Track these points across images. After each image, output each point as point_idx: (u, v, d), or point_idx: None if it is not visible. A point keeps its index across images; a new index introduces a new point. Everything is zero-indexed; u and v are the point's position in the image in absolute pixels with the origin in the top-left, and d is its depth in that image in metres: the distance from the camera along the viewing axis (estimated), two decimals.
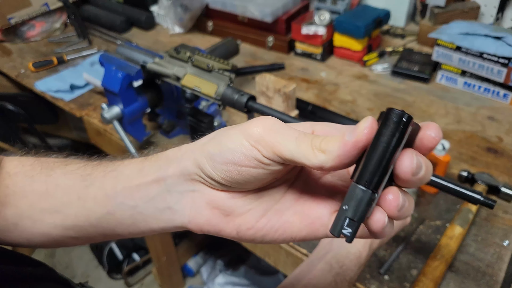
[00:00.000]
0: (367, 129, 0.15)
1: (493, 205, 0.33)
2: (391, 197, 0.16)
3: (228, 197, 0.19)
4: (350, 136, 0.15)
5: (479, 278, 0.43)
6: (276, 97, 0.49)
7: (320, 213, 0.19)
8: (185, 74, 0.48)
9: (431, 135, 0.16)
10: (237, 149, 0.17)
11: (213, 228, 0.19)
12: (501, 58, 0.67)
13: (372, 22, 0.80)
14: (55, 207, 0.22)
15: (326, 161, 0.16)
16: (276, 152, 0.16)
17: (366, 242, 0.33)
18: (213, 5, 0.93)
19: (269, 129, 0.17)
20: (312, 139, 0.16)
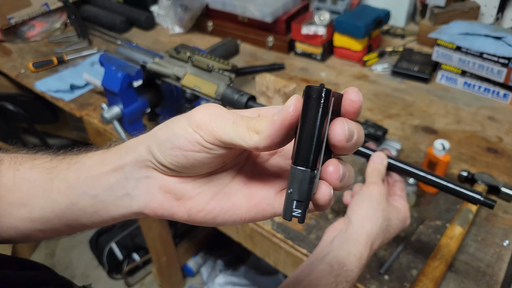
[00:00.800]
0: (292, 107, 0.16)
1: (493, 205, 0.33)
2: (331, 169, 0.17)
3: (179, 182, 0.20)
4: (278, 115, 0.16)
5: (479, 278, 0.43)
6: (276, 97, 0.49)
7: (266, 194, 0.20)
8: (185, 74, 0.48)
9: (352, 99, 0.17)
10: (182, 135, 0.18)
11: (166, 212, 0.21)
12: (501, 58, 0.67)
13: (372, 22, 0.80)
14: (22, 200, 0.23)
15: (260, 141, 0.17)
16: (216, 136, 0.18)
17: (367, 243, 0.33)
18: (213, 5, 0.93)
19: (210, 115, 0.18)
20: (248, 121, 0.17)
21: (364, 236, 0.33)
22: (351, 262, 0.31)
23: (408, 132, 0.65)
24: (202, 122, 0.18)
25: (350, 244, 0.32)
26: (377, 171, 0.37)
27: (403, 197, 0.39)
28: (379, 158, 0.38)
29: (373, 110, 0.71)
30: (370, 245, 0.33)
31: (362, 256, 0.32)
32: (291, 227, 0.50)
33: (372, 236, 0.33)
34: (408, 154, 0.60)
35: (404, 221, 0.37)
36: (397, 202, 0.38)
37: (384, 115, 0.70)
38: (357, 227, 0.33)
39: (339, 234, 0.34)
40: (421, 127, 0.66)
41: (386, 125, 0.65)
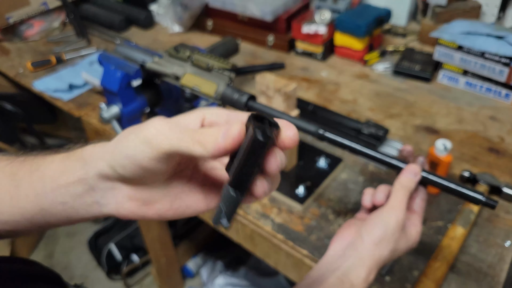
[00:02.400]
0: (234, 139, 0.19)
1: (495, 206, 0.33)
2: (260, 189, 0.21)
3: (144, 189, 0.23)
4: (222, 139, 0.19)
5: (481, 279, 0.43)
6: (277, 96, 0.49)
7: (218, 190, 0.24)
8: (184, 74, 0.48)
9: (290, 137, 0.20)
10: (136, 152, 0.20)
11: (138, 215, 0.23)
12: (503, 57, 0.66)
13: (373, 21, 0.80)
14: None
15: (204, 154, 0.19)
16: (165, 149, 0.20)
17: (377, 265, 0.34)
18: (213, 4, 0.93)
19: (158, 130, 0.20)
20: (193, 134, 0.20)
21: (373, 262, 0.34)
22: (359, 283, 0.33)
23: (409, 132, 0.65)
24: (152, 136, 0.20)
25: (360, 266, 0.33)
26: (405, 189, 0.34)
27: (419, 218, 0.36)
28: (411, 173, 0.34)
29: (374, 110, 0.70)
30: (376, 271, 0.34)
31: (369, 278, 0.33)
32: (292, 228, 0.49)
33: (379, 263, 0.34)
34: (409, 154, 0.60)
35: (412, 245, 0.36)
36: (411, 225, 0.35)
37: (385, 115, 0.69)
38: (367, 250, 0.34)
39: (349, 249, 0.35)
40: (422, 127, 0.66)
41: (387, 125, 0.65)
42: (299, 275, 0.48)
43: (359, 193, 0.53)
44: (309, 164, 0.57)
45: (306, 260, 0.46)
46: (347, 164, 0.58)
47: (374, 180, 0.55)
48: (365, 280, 0.33)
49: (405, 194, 0.34)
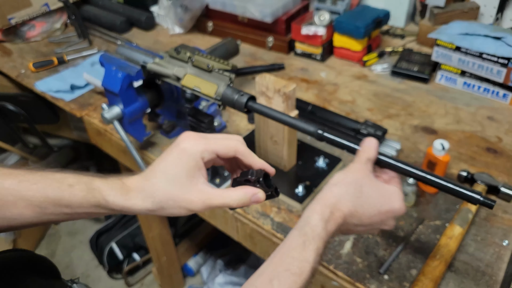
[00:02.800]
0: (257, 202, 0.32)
1: (493, 205, 0.33)
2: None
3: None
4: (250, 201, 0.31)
5: (479, 278, 0.43)
6: (276, 97, 0.49)
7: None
8: (185, 74, 0.48)
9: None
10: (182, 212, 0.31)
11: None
12: (500, 58, 0.67)
13: (371, 23, 0.81)
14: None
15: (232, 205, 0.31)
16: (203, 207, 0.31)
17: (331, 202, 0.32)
18: (213, 5, 0.93)
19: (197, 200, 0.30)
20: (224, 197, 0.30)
21: (328, 196, 0.32)
22: (313, 218, 0.31)
23: (407, 132, 0.65)
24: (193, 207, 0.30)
25: (313, 203, 0.32)
26: (366, 154, 0.34)
27: (398, 187, 0.35)
28: (371, 142, 0.35)
29: (372, 110, 0.71)
30: (334, 205, 0.31)
31: (324, 212, 0.31)
32: (291, 227, 0.50)
33: (336, 197, 0.32)
34: (408, 154, 0.61)
35: (388, 200, 0.33)
36: (386, 184, 0.34)
37: (383, 115, 0.70)
38: (324, 191, 0.33)
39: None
40: (420, 127, 0.66)
41: (386, 125, 0.65)
42: None
43: None
44: (308, 164, 0.57)
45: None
46: (346, 163, 0.58)
47: None
48: (321, 213, 0.30)
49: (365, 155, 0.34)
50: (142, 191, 0.29)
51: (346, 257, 0.46)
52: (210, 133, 0.54)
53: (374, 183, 0.34)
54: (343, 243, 0.47)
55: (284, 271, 0.28)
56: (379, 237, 0.48)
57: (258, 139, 0.57)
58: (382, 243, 0.47)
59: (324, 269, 0.45)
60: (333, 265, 0.45)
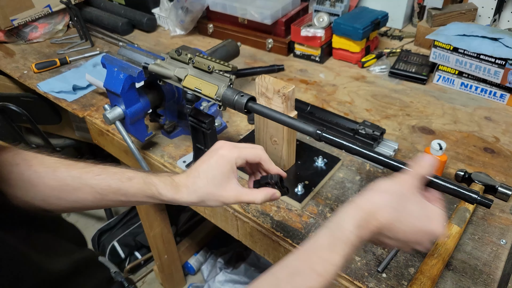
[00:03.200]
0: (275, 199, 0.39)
1: (490, 204, 0.33)
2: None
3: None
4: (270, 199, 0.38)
5: (477, 277, 0.43)
6: (276, 98, 0.50)
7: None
8: (186, 75, 0.49)
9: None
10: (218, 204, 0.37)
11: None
12: (498, 59, 0.68)
13: (370, 24, 0.81)
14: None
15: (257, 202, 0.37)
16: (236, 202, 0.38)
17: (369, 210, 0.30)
18: (214, 7, 0.94)
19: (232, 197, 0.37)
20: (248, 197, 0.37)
21: (367, 204, 0.30)
22: (346, 222, 0.30)
23: (405, 132, 0.66)
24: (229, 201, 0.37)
25: (350, 207, 0.31)
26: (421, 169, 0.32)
27: (441, 208, 0.33)
28: (430, 160, 0.32)
29: (370, 111, 0.72)
30: (372, 213, 0.30)
31: (359, 218, 0.30)
32: (291, 225, 0.50)
33: (376, 205, 0.30)
34: (406, 154, 0.61)
35: (430, 221, 0.31)
36: (431, 204, 0.32)
37: (381, 115, 0.70)
38: (363, 196, 0.31)
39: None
40: (418, 128, 0.67)
41: (384, 126, 0.66)
42: None
43: (356, 192, 0.54)
44: (307, 163, 0.58)
45: None
46: (344, 163, 0.59)
47: (370, 179, 0.56)
48: (358, 219, 0.29)
49: (418, 170, 0.32)
50: (188, 187, 0.35)
51: None
52: (212, 133, 0.54)
53: (419, 200, 0.32)
54: None
55: (309, 269, 0.28)
56: None
57: (258, 139, 0.58)
58: None
59: None
60: None
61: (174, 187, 0.35)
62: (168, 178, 0.36)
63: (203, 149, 0.56)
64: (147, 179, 0.36)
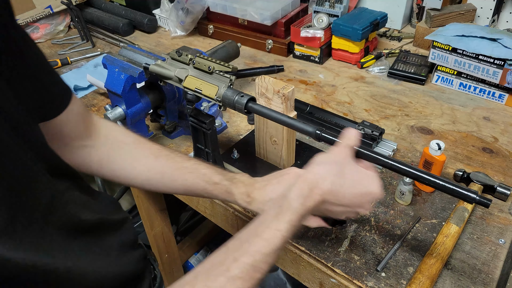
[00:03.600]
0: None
1: (489, 204, 0.33)
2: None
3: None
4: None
5: (475, 276, 0.44)
6: (275, 98, 0.50)
7: None
8: (186, 76, 0.49)
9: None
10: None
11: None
12: (496, 59, 0.68)
13: (369, 25, 0.82)
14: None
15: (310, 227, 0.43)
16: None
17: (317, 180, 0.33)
18: (214, 8, 0.95)
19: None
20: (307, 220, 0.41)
21: (309, 175, 0.33)
22: (291, 193, 0.33)
23: (404, 132, 0.66)
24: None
25: (292, 180, 0.34)
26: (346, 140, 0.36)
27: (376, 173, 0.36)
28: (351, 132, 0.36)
29: (369, 111, 0.72)
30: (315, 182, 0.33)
31: (303, 188, 0.33)
32: None
33: (317, 175, 0.33)
34: (405, 154, 0.61)
35: (367, 183, 0.34)
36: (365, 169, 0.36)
37: (380, 115, 0.71)
38: (306, 170, 0.34)
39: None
40: (417, 128, 0.67)
41: (383, 126, 0.66)
42: (297, 270, 0.50)
43: None
44: (307, 163, 0.58)
45: (304, 256, 0.48)
46: None
47: None
48: (301, 194, 0.32)
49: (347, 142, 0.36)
50: (258, 205, 0.41)
51: (344, 255, 0.46)
52: (212, 134, 0.55)
53: (355, 166, 0.35)
54: (341, 241, 0.48)
55: (255, 236, 0.31)
56: (376, 235, 0.49)
57: (258, 139, 0.58)
58: (379, 241, 0.48)
59: (323, 266, 0.46)
60: (331, 262, 0.46)
61: (248, 202, 0.41)
62: (245, 191, 0.41)
63: (204, 149, 0.57)
64: (229, 188, 0.41)
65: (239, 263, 0.29)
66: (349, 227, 0.50)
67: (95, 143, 0.41)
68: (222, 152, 0.62)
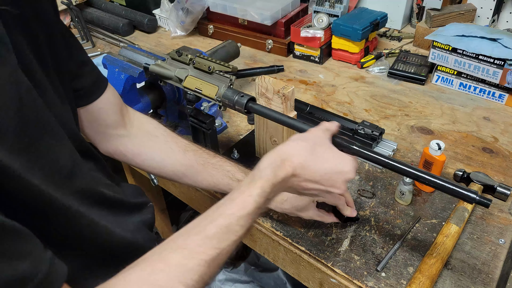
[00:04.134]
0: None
1: (489, 204, 0.33)
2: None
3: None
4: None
5: (475, 276, 0.44)
6: (275, 98, 0.50)
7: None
8: (186, 76, 0.49)
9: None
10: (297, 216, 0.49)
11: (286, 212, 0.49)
12: (496, 59, 0.68)
13: (369, 25, 0.82)
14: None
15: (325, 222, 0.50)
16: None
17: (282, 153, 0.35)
18: (214, 8, 0.95)
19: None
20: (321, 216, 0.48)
21: (282, 149, 0.35)
22: (264, 162, 0.34)
23: (404, 132, 0.66)
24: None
25: (268, 153, 0.35)
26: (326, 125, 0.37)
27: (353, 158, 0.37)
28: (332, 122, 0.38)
29: (369, 111, 0.72)
30: (287, 155, 0.34)
31: (275, 160, 0.34)
32: (290, 225, 0.51)
33: (290, 150, 0.34)
34: (405, 154, 0.61)
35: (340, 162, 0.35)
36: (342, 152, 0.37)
37: (380, 115, 0.71)
38: (280, 146, 0.35)
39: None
40: (417, 128, 0.67)
41: (383, 126, 0.66)
42: (297, 270, 0.50)
43: (355, 191, 0.55)
44: None
45: (304, 256, 0.48)
46: None
47: (369, 179, 0.57)
48: (272, 164, 0.33)
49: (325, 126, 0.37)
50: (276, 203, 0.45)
51: (344, 255, 0.47)
52: (212, 133, 0.55)
53: (329, 147, 0.37)
54: (341, 241, 0.48)
55: (230, 201, 0.32)
56: (376, 235, 0.49)
57: (258, 139, 0.58)
58: (379, 241, 0.48)
59: (323, 266, 0.46)
60: (331, 262, 0.46)
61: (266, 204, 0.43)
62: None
63: None
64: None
65: (214, 224, 0.31)
66: (349, 227, 0.50)
67: (129, 133, 0.43)
68: (222, 152, 0.62)
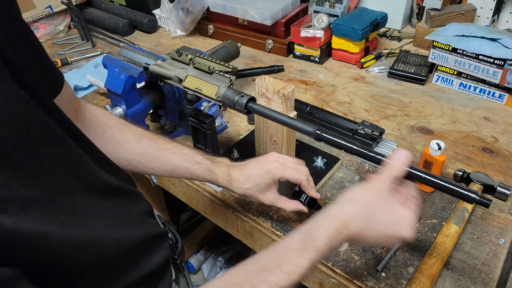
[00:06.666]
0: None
1: (489, 204, 0.33)
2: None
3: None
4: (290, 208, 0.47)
5: (475, 276, 0.44)
6: (275, 98, 0.50)
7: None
8: (186, 76, 0.49)
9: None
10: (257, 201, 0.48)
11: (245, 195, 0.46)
12: (496, 59, 0.68)
13: (369, 25, 0.82)
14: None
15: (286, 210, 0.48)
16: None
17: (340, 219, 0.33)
18: (214, 8, 0.95)
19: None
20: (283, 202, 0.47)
21: (338, 213, 0.33)
22: (319, 231, 0.32)
23: (404, 132, 0.66)
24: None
25: (322, 216, 0.34)
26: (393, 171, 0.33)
27: (413, 210, 0.33)
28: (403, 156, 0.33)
29: (369, 111, 0.72)
30: (344, 223, 0.32)
31: (331, 228, 0.32)
32: (290, 224, 0.51)
33: (347, 215, 0.33)
34: None
35: (398, 226, 0.33)
36: (402, 207, 0.33)
37: (380, 115, 0.71)
38: (336, 205, 0.34)
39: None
40: (417, 128, 0.67)
41: (383, 126, 0.66)
42: None
43: None
44: (307, 163, 0.58)
45: None
46: (343, 163, 0.59)
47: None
48: (328, 229, 0.32)
49: (389, 172, 0.34)
50: (238, 184, 0.44)
51: (344, 255, 0.47)
52: (212, 133, 0.55)
53: (388, 206, 0.33)
54: None
55: (276, 267, 0.31)
56: None
57: (258, 139, 0.58)
58: None
59: (323, 266, 0.46)
60: (331, 262, 0.46)
61: (229, 180, 0.44)
62: (225, 170, 0.44)
63: (204, 149, 0.57)
64: (211, 167, 0.44)
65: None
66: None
67: (82, 125, 0.42)
68: (222, 152, 0.62)
